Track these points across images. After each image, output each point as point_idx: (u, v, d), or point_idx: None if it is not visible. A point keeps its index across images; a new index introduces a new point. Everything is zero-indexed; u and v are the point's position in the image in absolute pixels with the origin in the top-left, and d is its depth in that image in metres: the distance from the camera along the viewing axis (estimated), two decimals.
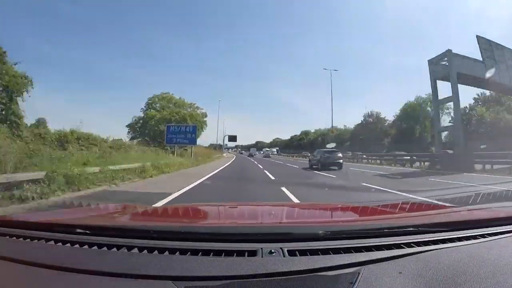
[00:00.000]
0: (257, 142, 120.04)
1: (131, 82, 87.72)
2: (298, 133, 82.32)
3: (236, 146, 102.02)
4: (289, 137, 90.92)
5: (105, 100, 76.85)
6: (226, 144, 63.09)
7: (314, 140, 63.02)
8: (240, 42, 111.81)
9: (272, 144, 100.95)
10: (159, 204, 5.25)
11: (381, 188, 8.41)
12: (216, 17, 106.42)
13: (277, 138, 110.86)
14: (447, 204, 2.98)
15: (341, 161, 16.96)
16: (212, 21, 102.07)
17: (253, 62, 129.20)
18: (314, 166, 17.46)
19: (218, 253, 0.84)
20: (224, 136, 53.54)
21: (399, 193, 7.36)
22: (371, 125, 47.64)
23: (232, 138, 48.77)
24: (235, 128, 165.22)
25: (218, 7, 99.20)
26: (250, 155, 51.55)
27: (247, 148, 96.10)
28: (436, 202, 4.19)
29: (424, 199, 5.36)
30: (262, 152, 63.10)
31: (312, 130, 74.09)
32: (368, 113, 49.07)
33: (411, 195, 6.66)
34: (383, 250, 0.88)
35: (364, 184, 9.46)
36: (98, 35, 79.12)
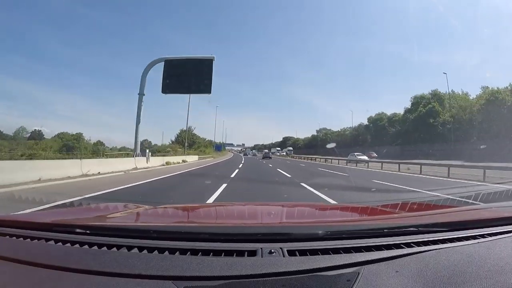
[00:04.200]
0: (285, 139, 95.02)
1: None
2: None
3: (255, 146, 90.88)
4: (356, 124, 54.29)
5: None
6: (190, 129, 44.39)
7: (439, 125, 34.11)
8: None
9: (311, 141, 69.57)
10: None
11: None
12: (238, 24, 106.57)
13: (325, 128, 68.90)
14: (447, 204, 2.99)
15: (270, 155, 42.07)
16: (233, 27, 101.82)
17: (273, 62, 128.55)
18: (262, 158, 40.41)
19: (218, 253, 0.84)
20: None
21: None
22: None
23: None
24: (258, 128, 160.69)
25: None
26: (245, 154, 60.68)
27: (268, 147, 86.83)
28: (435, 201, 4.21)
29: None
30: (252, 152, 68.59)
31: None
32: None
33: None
34: (383, 250, 0.88)
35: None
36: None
